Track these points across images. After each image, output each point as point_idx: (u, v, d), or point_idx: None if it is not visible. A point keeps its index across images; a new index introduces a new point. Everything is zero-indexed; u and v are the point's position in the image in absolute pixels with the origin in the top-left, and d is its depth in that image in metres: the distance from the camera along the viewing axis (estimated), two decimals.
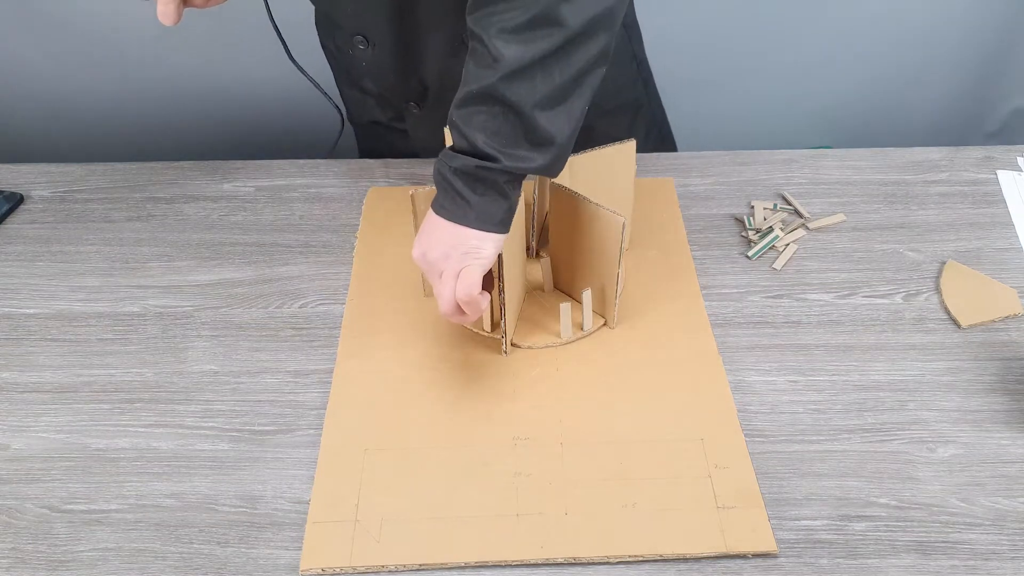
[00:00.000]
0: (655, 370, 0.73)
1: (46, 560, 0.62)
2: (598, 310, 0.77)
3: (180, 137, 1.45)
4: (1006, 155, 0.96)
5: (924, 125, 1.49)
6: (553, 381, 0.73)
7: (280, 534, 0.63)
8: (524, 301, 0.79)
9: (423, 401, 0.71)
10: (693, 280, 0.81)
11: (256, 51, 1.32)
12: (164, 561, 0.61)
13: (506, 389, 0.72)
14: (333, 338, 0.77)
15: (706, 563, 0.60)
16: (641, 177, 0.88)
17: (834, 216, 0.88)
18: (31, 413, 0.72)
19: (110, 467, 0.68)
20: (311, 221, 0.90)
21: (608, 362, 0.74)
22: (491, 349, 0.75)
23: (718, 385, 0.72)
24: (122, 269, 0.85)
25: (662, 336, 0.76)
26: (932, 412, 0.70)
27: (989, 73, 1.41)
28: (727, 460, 0.66)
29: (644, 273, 0.82)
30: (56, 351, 0.77)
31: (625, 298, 0.79)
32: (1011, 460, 0.66)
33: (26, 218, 0.91)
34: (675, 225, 0.87)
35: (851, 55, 1.38)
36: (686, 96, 1.39)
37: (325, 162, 0.97)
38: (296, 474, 0.67)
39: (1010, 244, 0.85)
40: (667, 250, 0.85)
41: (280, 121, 1.42)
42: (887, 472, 0.66)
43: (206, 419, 0.71)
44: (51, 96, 1.39)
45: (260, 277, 0.84)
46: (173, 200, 0.93)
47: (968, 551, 0.61)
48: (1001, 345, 0.75)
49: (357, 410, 0.71)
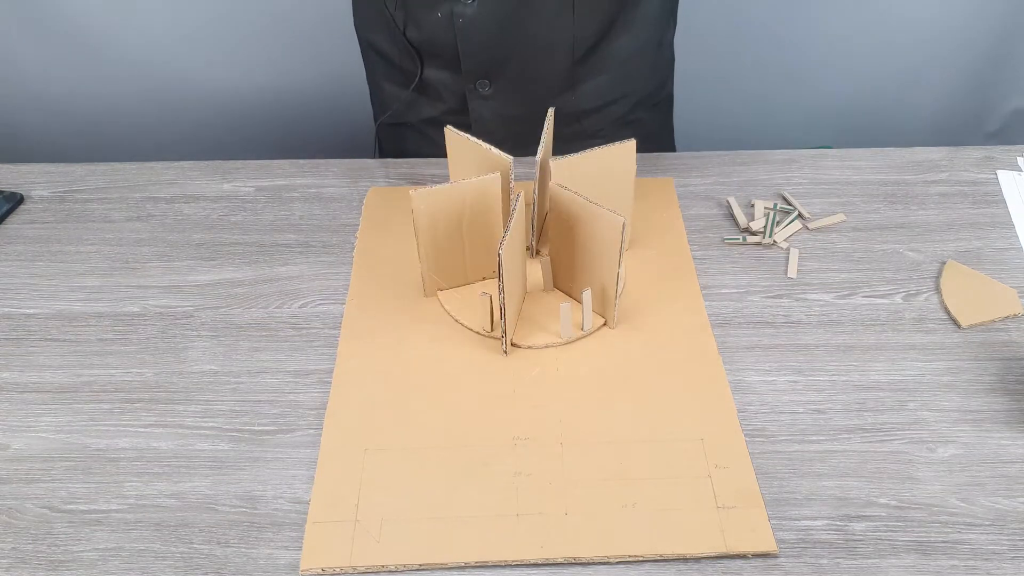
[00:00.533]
0: (655, 370, 0.73)
1: (46, 560, 0.62)
2: (598, 310, 0.77)
3: (180, 137, 1.45)
4: (1006, 155, 0.96)
5: (924, 125, 1.49)
6: (553, 381, 0.73)
7: (280, 534, 0.63)
8: (524, 301, 0.79)
9: (423, 401, 0.71)
10: (693, 280, 0.81)
11: (257, 52, 1.32)
12: (164, 561, 0.61)
13: (506, 389, 0.72)
14: (333, 338, 0.77)
15: (706, 563, 0.60)
16: (641, 177, 0.88)
17: (834, 216, 0.88)
18: (31, 413, 0.72)
19: (110, 467, 0.68)
20: (311, 221, 0.90)
21: (608, 362, 0.74)
22: (491, 349, 0.75)
23: (718, 385, 0.72)
24: (122, 269, 0.85)
25: (662, 336, 0.76)
26: (932, 412, 0.70)
27: (989, 73, 1.40)
28: (727, 460, 0.66)
29: (645, 273, 0.82)
30: (56, 351, 0.77)
31: (626, 298, 0.79)
32: (1011, 460, 0.66)
33: (26, 218, 0.91)
34: (675, 225, 0.87)
35: (851, 55, 1.38)
36: (686, 96, 1.39)
37: (325, 162, 0.97)
38: (296, 474, 0.67)
39: (1010, 244, 0.85)
40: (667, 250, 0.85)
41: (281, 121, 1.42)
42: (887, 472, 0.66)
43: (206, 419, 0.71)
44: (51, 96, 1.39)
45: (260, 277, 0.84)
46: (173, 200, 0.93)
47: (968, 551, 0.61)
48: (1001, 345, 0.75)
49: (357, 410, 0.71)
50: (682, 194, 0.92)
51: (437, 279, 0.78)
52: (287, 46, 1.30)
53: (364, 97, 1.07)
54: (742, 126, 1.48)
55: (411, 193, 0.71)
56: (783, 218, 0.87)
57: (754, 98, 1.45)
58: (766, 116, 1.47)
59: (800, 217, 0.88)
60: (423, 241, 0.75)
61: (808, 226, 0.87)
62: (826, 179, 0.93)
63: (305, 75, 1.34)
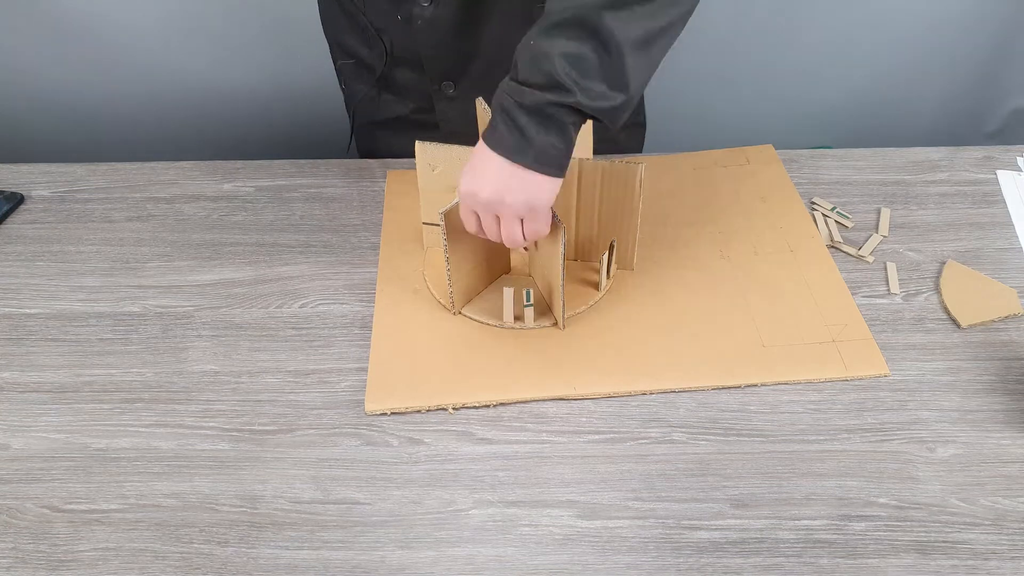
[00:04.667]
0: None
1: (46, 560, 0.62)
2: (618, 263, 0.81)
3: (180, 137, 1.45)
4: (1006, 155, 0.96)
5: (924, 125, 1.49)
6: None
7: (280, 534, 0.63)
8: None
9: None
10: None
11: (257, 52, 1.32)
12: (164, 561, 0.61)
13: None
14: (333, 338, 0.77)
15: (704, 558, 0.61)
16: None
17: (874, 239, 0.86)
18: (31, 413, 0.72)
19: (110, 467, 0.68)
20: (311, 221, 0.90)
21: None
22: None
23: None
24: (122, 269, 0.85)
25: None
26: (932, 412, 0.70)
27: (989, 73, 1.40)
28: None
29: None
30: (56, 351, 0.77)
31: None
32: (1011, 460, 0.66)
33: (26, 218, 0.91)
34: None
35: (851, 55, 1.38)
36: (686, 96, 1.40)
37: (325, 162, 0.97)
38: (296, 474, 0.67)
39: (1010, 244, 0.85)
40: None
41: (281, 121, 1.42)
42: (887, 472, 0.66)
43: (206, 419, 0.71)
44: (51, 96, 1.39)
45: (260, 277, 0.84)
46: (173, 200, 0.93)
47: (968, 551, 0.61)
48: (1001, 345, 0.75)
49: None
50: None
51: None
52: (287, 46, 1.30)
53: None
54: (742, 126, 1.48)
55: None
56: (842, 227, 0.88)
57: (754, 98, 1.45)
58: (766, 116, 1.47)
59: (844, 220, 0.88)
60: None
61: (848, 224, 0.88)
62: (826, 179, 0.93)
63: (305, 75, 1.34)
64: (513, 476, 0.66)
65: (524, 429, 0.70)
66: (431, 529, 0.63)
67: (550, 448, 0.68)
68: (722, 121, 1.46)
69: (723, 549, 0.61)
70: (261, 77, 1.36)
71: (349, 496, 0.65)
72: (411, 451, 0.68)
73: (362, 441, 0.69)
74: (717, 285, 0.80)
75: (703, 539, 0.62)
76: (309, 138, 1.43)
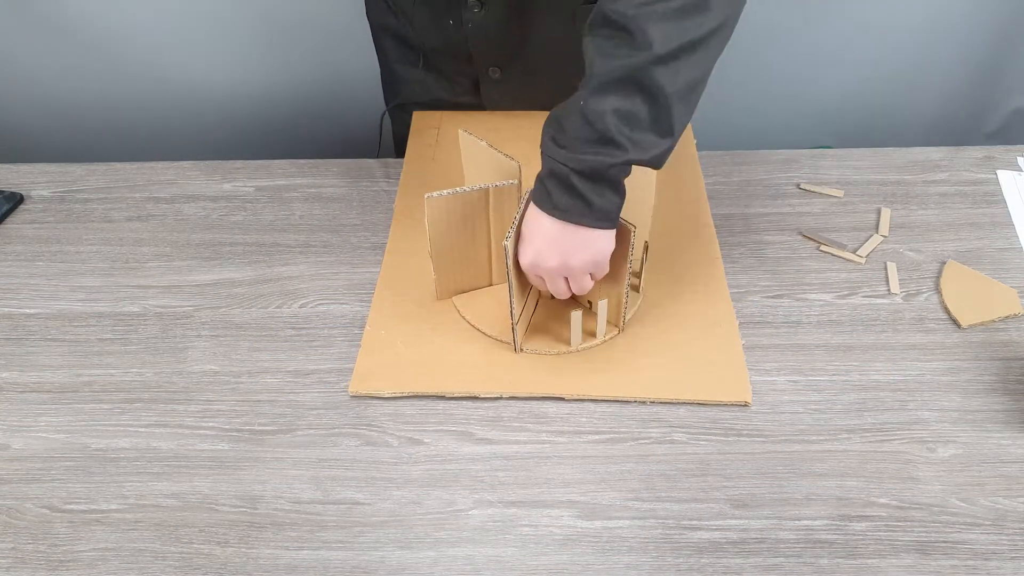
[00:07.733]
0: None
1: (46, 560, 0.62)
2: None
3: (180, 137, 1.45)
4: (1006, 155, 0.96)
5: (924, 125, 1.48)
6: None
7: (280, 534, 0.63)
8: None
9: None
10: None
11: (257, 52, 1.32)
12: (164, 561, 0.61)
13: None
14: (333, 338, 0.77)
15: (704, 559, 0.60)
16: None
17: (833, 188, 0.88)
18: (31, 413, 0.72)
19: (110, 467, 0.68)
20: (311, 221, 0.90)
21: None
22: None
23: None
24: (122, 269, 0.85)
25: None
26: (932, 412, 0.70)
27: (989, 73, 1.40)
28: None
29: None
30: (56, 351, 0.77)
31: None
32: (1011, 460, 0.66)
33: (26, 218, 0.91)
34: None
35: (851, 55, 1.38)
36: None
37: (325, 162, 0.97)
38: (296, 474, 0.67)
39: (1010, 244, 0.85)
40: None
41: (281, 122, 1.42)
42: (887, 472, 0.66)
43: (206, 419, 0.71)
44: (51, 96, 1.39)
45: (260, 277, 0.84)
46: (173, 200, 0.93)
47: (968, 551, 0.61)
48: (1001, 345, 0.75)
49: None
50: None
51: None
52: (287, 46, 1.30)
53: (364, 97, 1.08)
54: (742, 126, 1.48)
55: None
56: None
57: (754, 98, 1.45)
58: (766, 116, 1.47)
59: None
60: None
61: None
62: (826, 179, 0.93)
63: (306, 75, 1.34)
64: (513, 476, 0.66)
65: (524, 429, 0.70)
66: (431, 529, 0.63)
67: (550, 448, 0.68)
68: (722, 121, 1.46)
69: (723, 549, 0.61)
70: (261, 77, 1.36)
71: (349, 496, 0.65)
72: (411, 451, 0.68)
73: (362, 441, 0.69)
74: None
75: (703, 539, 0.62)
76: (309, 138, 1.43)
